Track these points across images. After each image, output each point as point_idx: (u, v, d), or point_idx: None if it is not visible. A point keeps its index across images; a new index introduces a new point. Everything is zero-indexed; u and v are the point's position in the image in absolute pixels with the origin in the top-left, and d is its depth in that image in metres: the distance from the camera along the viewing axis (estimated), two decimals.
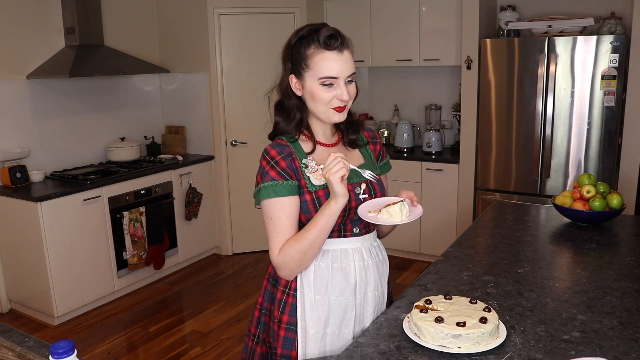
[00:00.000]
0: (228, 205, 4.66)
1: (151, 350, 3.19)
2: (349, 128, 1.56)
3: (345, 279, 1.49)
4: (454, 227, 4.18)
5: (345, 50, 1.41)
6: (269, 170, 1.44)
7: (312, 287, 1.48)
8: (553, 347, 1.28)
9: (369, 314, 1.54)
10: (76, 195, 3.52)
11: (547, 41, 3.56)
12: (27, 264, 3.53)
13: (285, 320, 1.51)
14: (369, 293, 1.53)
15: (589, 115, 3.55)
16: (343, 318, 1.50)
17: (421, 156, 4.30)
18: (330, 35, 1.39)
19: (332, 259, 1.49)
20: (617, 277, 1.69)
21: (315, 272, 1.48)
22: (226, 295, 3.94)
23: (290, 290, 1.51)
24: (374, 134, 1.66)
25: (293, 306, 1.50)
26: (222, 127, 4.52)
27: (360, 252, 1.52)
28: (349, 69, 1.42)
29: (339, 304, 1.49)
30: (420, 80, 4.75)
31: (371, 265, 1.53)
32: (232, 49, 4.44)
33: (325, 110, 1.44)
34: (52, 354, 1.00)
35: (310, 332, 1.49)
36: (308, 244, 1.40)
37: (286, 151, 1.46)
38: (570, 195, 2.24)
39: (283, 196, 1.43)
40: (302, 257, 1.41)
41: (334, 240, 1.49)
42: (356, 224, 1.51)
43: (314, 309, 1.48)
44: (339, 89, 1.41)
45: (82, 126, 4.14)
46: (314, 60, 1.40)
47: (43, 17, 3.80)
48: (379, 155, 1.65)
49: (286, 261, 1.42)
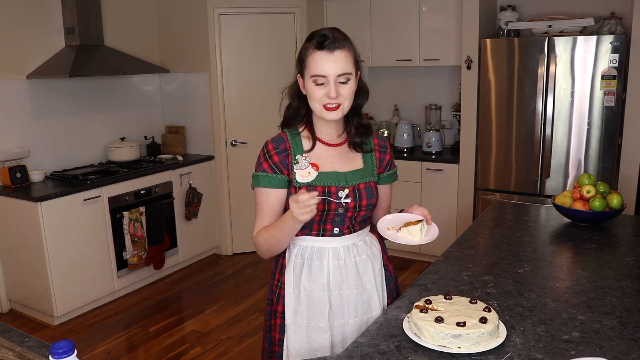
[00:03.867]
0: (228, 205, 4.66)
1: (151, 350, 3.19)
2: (357, 131, 1.60)
3: (317, 276, 1.57)
4: (454, 227, 4.18)
5: (337, 50, 1.46)
6: (262, 162, 1.56)
7: (292, 281, 1.59)
8: (553, 347, 1.28)
9: (350, 309, 1.59)
10: (76, 195, 3.52)
11: (547, 41, 3.56)
12: (27, 264, 3.53)
13: (280, 310, 1.63)
14: (346, 290, 1.58)
15: (589, 115, 3.55)
16: (317, 312, 1.57)
17: (421, 156, 4.30)
18: (322, 35, 1.46)
19: (307, 256, 1.57)
20: (617, 277, 1.69)
21: (293, 268, 1.58)
22: (226, 295, 3.94)
23: (281, 283, 1.62)
24: (384, 143, 1.68)
25: (283, 297, 1.62)
26: (222, 127, 4.52)
27: (337, 252, 1.57)
28: (338, 69, 1.46)
29: (311, 299, 1.57)
30: (420, 80, 4.74)
31: (349, 264, 1.58)
32: (232, 49, 4.44)
33: (319, 108, 1.50)
34: (52, 354, 1.00)
35: (288, 322, 1.59)
36: (272, 239, 1.54)
37: (282, 146, 1.56)
38: (570, 195, 2.24)
39: (270, 188, 1.54)
40: (269, 247, 1.57)
41: (312, 238, 1.57)
42: (337, 225, 1.57)
43: (291, 302, 1.59)
44: (327, 87, 1.47)
45: (82, 126, 4.14)
46: (308, 60, 1.48)
47: (43, 17, 3.80)
48: (387, 165, 1.67)
49: (257, 244, 1.60)
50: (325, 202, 1.51)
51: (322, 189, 1.52)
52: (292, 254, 1.59)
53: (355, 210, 1.56)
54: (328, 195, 1.51)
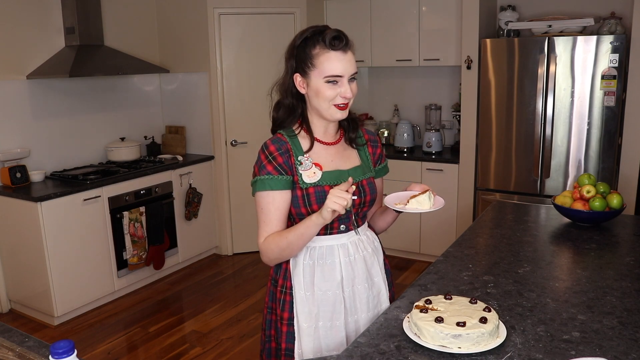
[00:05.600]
0: (228, 205, 4.66)
1: (151, 350, 3.19)
2: (349, 126, 1.63)
3: (331, 275, 1.56)
4: (454, 227, 4.18)
5: (349, 50, 1.50)
6: (266, 165, 1.52)
7: (302, 284, 1.56)
8: (553, 347, 1.28)
9: (362, 304, 1.60)
10: (76, 195, 3.52)
11: (547, 41, 3.56)
12: (27, 264, 3.53)
13: (286, 317, 1.59)
14: (358, 286, 1.59)
15: (589, 115, 3.55)
16: (333, 311, 1.57)
17: (421, 156, 4.30)
18: (335, 36, 1.47)
19: (318, 257, 1.57)
20: (617, 277, 1.69)
21: (303, 270, 1.57)
22: (226, 295, 3.94)
23: (287, 289, 1.59)
24: (375, 138, 1.72)
25: (290, 303, 1.59)
26: (222, 127, 4.52)
27: (346, 248, 1.58)
28: (352, 68, 1.50)
29: (327, 299, 1.56)
30: (420, 80, 4.75)
31: (358, 259, 1.59)
32: (232, 49, 4.44)
33: (328, 107, 1.50)
34: (52, 354, 1.00)
35: (303, 327, 1.56)
36: (286, 244, 1.50)
37: (284, 147, 1.54)
38: (570, 195, 2.24)
39: (276, 190, 1.51)
40: (281, 252, 1.52)
41: (320, 238, 1.57)
42: (343, 222, 1.58)
43: (305, 305, 1.56)
44: (343, 87, 1.48)
45: (82, 126, 4.14)
46: (320, 59, 1.47)
47: (43, 17, 3.80)
48: (377, 159, 1.70)
49: (267, 251, 1.54)
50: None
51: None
52: (299, 257, 1.57)
53: (360, 207, 1.58)
54: None
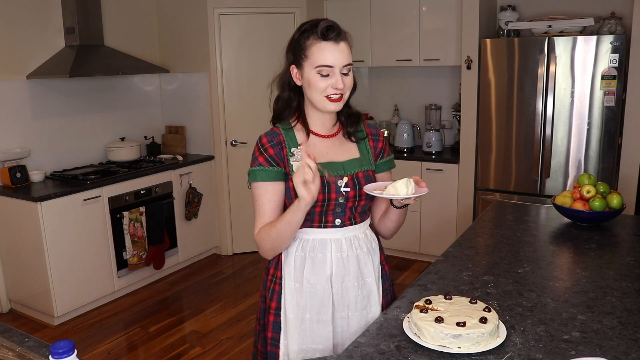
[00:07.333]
0: (228, 205, 4.66)
1: (151, 350, 3.19)
2: (348, 120, 1.62)
3: (321, 269, 1.56)
4: (454, 227, 4.18)
5: (342, 41, 1.49)
6: (258, 156, 1.56)
7: (292, 275, 1.57)
8: (553, 347, 1.28)
9: (352, 301, 1.59)
10: (76, 195, 3.52)
11: (547, 41, 3.56)
12: (27, 264, 3.53)
13: (274, 306, 1.61)
14: (347, 283, 1.58)
15: (589, 115, 3.55)
16: (321, 305, 1.57)
17: (421, 156, 4.30)
18: (327, 26, 1.47)
19: (309, 249, 1.56)
20: (617, 277, 1.69)
21: (294, 261, 1.57)
22: (226, 295, 3.94)
23: (277, 278, 1.60)
24: (376, 132, 1.70)
25: (279, 293, 1.60)
26: (222, 127, 4.52)
27: (339, 243, 1.57)
28: (344, 59, 1.48)
29: (315, 292, 1.56)
30: (420, 80, 4.75)
31: (351, 256, 1.58)
32: (232, 49, 4.44)
33: (321, 99, 1.50)
34: (52, 354, 1.00)
35: (290, 317, 1.57)
36: (276, 233, 1.49)
37: (276, 139, 1.56)
38: (570, 195, 2.24)
39: (267, 181, 1.53)
40: (273, 243, 1.52)
41: (313, 230, 1.56)
42: (338, 216, 1.56)
43: (293, 296, 1.57)
44: (334, 78, 1.47)
45: (82, 126, 4.14)
46: (312, 50, 1.47)
47: (43, 17, 3.80)
48: (379, 152, 1.67)
49: (260, 242, 1.55)
50: (325, 192, 1.50)
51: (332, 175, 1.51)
52: (292, 248, 1.58)
53: (356, 200, 1.56)
54: (327, 186, 1.51)
